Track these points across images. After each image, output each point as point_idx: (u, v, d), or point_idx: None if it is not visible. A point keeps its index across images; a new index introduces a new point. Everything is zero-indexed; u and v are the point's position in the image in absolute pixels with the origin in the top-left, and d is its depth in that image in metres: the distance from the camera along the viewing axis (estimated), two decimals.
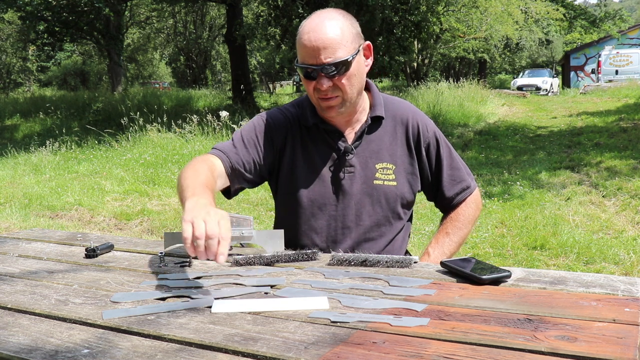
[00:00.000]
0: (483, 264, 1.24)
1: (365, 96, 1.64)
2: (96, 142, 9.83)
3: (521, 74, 26.53)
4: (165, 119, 9.23)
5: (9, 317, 1.07)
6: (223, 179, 1.54)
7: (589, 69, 26.28)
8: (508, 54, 33.96)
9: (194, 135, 8.66)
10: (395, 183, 1.60)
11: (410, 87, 15.89)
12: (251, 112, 12.03)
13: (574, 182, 6.08)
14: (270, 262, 1.38)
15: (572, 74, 26.97)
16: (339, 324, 0.98)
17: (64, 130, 11.15)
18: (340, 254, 1.38)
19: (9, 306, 1.13)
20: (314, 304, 1.08)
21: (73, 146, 9.60)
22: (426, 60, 20.80)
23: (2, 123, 14.58)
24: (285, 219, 1.66)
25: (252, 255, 1.38)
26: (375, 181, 1.59)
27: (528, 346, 0.85)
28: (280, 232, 1.47)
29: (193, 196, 1.25)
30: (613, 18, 20.27)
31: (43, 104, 14.85)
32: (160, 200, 6.11)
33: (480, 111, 13.05)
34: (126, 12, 21.95)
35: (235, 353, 0.88)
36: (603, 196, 5.47)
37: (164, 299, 1.14)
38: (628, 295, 1.07)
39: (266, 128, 1.62)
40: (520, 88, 22.65)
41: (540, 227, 4.53)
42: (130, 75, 33.18)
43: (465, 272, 1.20)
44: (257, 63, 32.42)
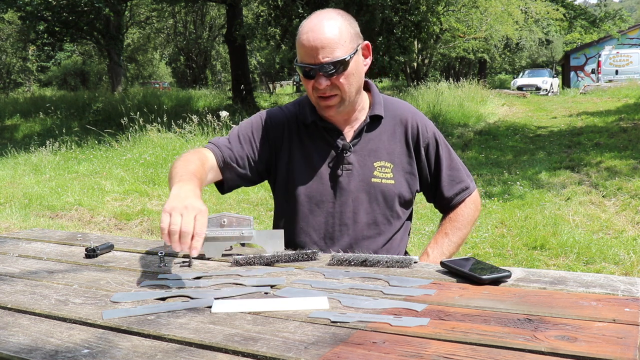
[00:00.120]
0: (483, 264, 1.24)
1: (364, 95, 1.65)
2: (96, 142, 9.83)
3: (521, 74, 26.53)
4: (165, 119, 9.23)
5: (9, 317, 1.07)
6: (215, 171, 1.58)
7: (589, 69, 26.28)
8: (508, 54, 33.96)
9: (194, 135, 8.66)
10: (393, 182, 1.61)
11: (410, 87, 15.88)
12: (251, 112, 12.03)
13: (574, 182, 6.08)
14: (270, 262, 1.38)
15: (572, 74, 26.97)
16: (339, 324, 0.98)
17: (64, 130, 11.15)
18: (340, 254, 1.38)
19: (9, 306, 1.13)
20: (314, 304, 1.08)
21: (73, 146, 9.59)
22: (426, 60, 20.79)
23: (2, 123, 14.58)
24: (284, 216, 1.67)
25: (252, 255, 1.38)
26: (373, 179, 1.59)
27: (528, 346, 0.85)
28: (280, 232, 1.47)
29: (179, 182, 1.31)
30: (613, 18, 20.28)
31: (43, 104, 14.85)
32: (160, 200, 6.11)
33: (480, 111, 13.04)
34: (126, 12, 21.95)
35: (235, 353, 0.88)
36: (603, 196, 5.47)
37: (164, 299, 1.14)
38: (628, 295, 1.07)
39: (263, 125, 1.65)
40: (520, 88, 22.65)
41: (540, 227, 4.53)
42: (130, 75, 33.18)
43: (465, 272, 1.20)
44: (257, 63, 32.42)
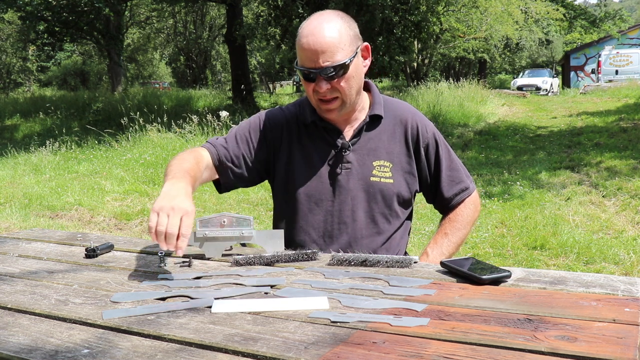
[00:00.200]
0: (483, 264, 1.24)
1: (364, 95, 1.67)
2: (96, 142, 9.83)
3: (521, 74, 26.52)
4: (165, 119, 9.23)
5: (9, 317, 1.07)
6: (210, 170, 1.61)
7: (589, 69, 26.28)
8: (508, 54, 33.95)
9: (194, 135, 8.66)
10: (392, 181, 1.61)
11: (410, 87, 15.88)
12: (251, 112, 12.03)
13: (574, 182, 6.08)
14: (270, 262, 1.38)
15: (572, 74, 26.97)
16: (339, 324, 0.98)
17: (64, 130, 11.15)
18: (340, 254, 1.38)
19: (9, 306, 1.13)
20: (314, 304, 1.08)
21: (73, 146, 9.59)
22: (426, 60, 20.80)
23: (2, 123, 14.58)
24: (283, 215, 1.68)
25: (252, 255, 1.38)
26: (372, 178, 1.60)
27: (528, 346, 0.85)
28: (280, 232, 1.47)
29: (171, 180, 1.35)
30: (613, 18, 20.28)
31: (43, 104, 14.85)
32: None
33: (480, 111, 13.04)
34: (126, 12, 21.95)
35: (235, 353, 0.88)
36: (603, 196, 5.47)
37: (164, 299, 1.14)
38: (628, 295, 1.07)
39: (261, 126, 1.66)
40: (520, 88, 22.65)
41: (540, 227, 4.53)
42: (130, 75, 33.17)
43: (465, 272, 1.20)
44: (257, 63, 32.41)
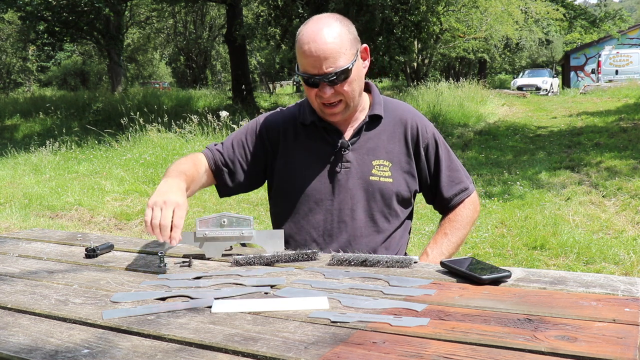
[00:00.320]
0: (483, 264, 1.24)
1: (365, 96, 1.68)
2: (96, 142, 9.82)
3: (521, 74, 26.51)
4: (165, 119, 9.23)
5: (9, 317, 1.07)
6: (208, 175, 1.68)
7: (589, 69, 26.27)
8: (508, 54, 33.93)
9: (194, 135, 8.66)
10: (391, 180, 1.62)
11: (410, 87, 15.87)
12: (251, 112, 12.04)
13: (574, 182, 6.08)
14: (270, 262, 1.38)
15: (572, 74, 26.96)
16: (339, 324, 0.98)
17: (64, 130, 11.15)
18: (340, 254, 1.38)
19: (9, 306, 1.13)
20: (314, 304, 1.08)
21: (73, 146, 9.59)
22: (426, 60, 20.79)
23: (2, 123, 14.58)
24: (283, 214, 1.69)
25: (252, 255, 1.39)
26: (371, 177, 1.62)
27: (528, 346, 0.85)
28: (280, 232, 1.48)
29: (166, 178, 1.44)
30: (613, 18, 20.27)
31: (43, 104, 14.84)
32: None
33: (480, 111, 13.04)
34: (126, 12, 21.95)
35: (235, 353, 0.88)
36: (603, 196, 5.47)
37: (164, 299, 1.14)
38: (628, 295, 1.07)
39: (257, 130, 1.70)
40: (520, 88, 22.63)
41: (540, 227, 4.53)
42: (130, 75, 33.15)
43: (465, 272, 1.20)
44: (257, 63, 32.41)
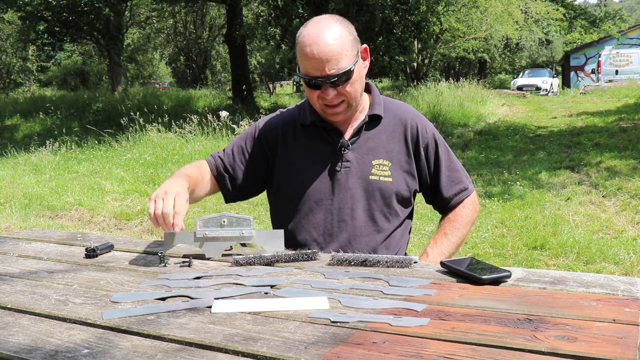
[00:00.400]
0: (483, 264, 1.24)
1: (365, 96, 1.69)
2: (96, 142, 9.82)
3: (521, 74, 26.50)
4: (166, 119, 9.22)
5: (9, 317, 1.07)
6: (212, 181, 1.72)
7: (589, 69, 26.26)
8: (508, 54, 33.92)
9: (194, 135, 8.66)
10: (390, 179, 1.63)
11: (410, 87, 15.87)
12: (251, 112, 12.03)
13: (574, 182, 6.08)
14: (270, 262, 1.38)
15: (572, 74, 26.95)
16: (339, 324, 0.98)
17: (64, 130, 11.15)
18: (340, 254, 1.38)
19: (9, 306, 1.13)
20: (314, 304, 1.08)
21: (73, 146, 9.59)
22: (426, 60, 20.79)
23: (2, 123, 14.57)
24: (283, 214, 1.70)
25: (252, 255, 1.39)
26: (371, 176, 1.62)
27: (528, 346, 0.85)
28: (280, 232, 1.47)
29: (168, 179, 1.52)
30: (613, 18, 20.27)
31: (43, 104, 14.84)
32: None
33: (480, 111, 13.03)
34: (126, 12, 21.94)
35: (235, 353, 0.88)
36: (603, 196, 5.47)
37: (164, 299, 1.14)
38: (628, 295, 1.07)
39: (256, 135, 1.72)
40: (520, 88, 22.63)
41: (540, 227, 4.53)
42: (130, 75, 33.15)
43: (465, 272, 1.20)
44: (257, 63, 32.40)
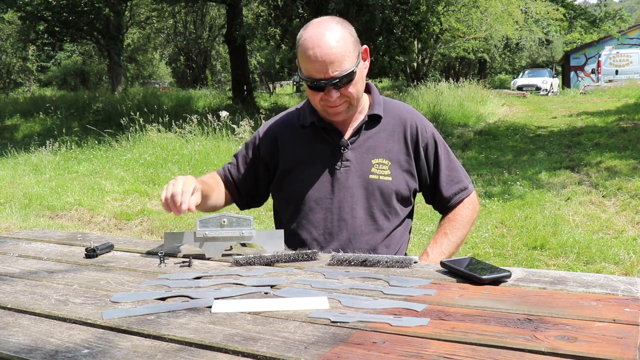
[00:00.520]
0: (483, 264, 1.24)
1: (364, 96, 1.70)
2: (96, 142, 9.82)
3: (521, 74, 26.50)
4: (166, 119, 9.22)
5: (9, 317, 1.07)
6: (225, 191, 1.78)
7: (589, 69, 26.26)
8: (508, 54, 33.92)
9: (194, 135, 8.66)
10: (390, 178, 1.64)
11: (410, 87, 15.87)
12: (251, 112, 12.01)
13: (574, 182, 6.08)
14: (270, 262, 1.38)
15: (572, 74, 26.95)
16: (339, 324, 0.97)
17: (64, 130, 11.15)
18: (340, 254, 1.38)
19: (9, 306, 1.13)
20: (314, 304, 1.08)
21: (73, 146, 9.59)
22: (426, 60, 20.79)
23: (2, 123, 14.57)
24: (284, 214, 1.72)
25: (252, 255, 1.38)
26: (371, 175, 1.63)
27: (528, 346, 0.85)
28: (280, 232, 1.47)
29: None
30: (613, 18, 20.27)
31: (43, 104, 14.84)
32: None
33: (480, 111, 13.03)
34: (126, 12, 21.94)
35: (235, 353, 0.88)
36: (603, 196, 5.47)
37: (164, 299, 1.14)
38: (628, 295, 1.06)
39: (257, 143, 1.76)
40: (520, 88, 22.63)
41: (540, 227, 4.53)
42: (130, 75, 33.14)
43: (465, 272, 1.20)
44: (257, 63, 32.40)
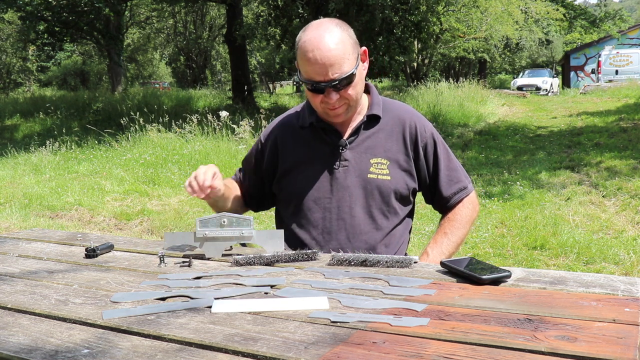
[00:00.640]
0: (483, 264, 1.24)
1: (364, 97, 1.71)
2: (96, 142, 9.82)
3: (521, 74, 26.49)
4: (166, 119, 9.22)
5: (9, 317, 1.07)
6: (240, 192, 1.83)
7: (589, 69, 26.26)
8: (508, 54, 33.91)
9: (194, 135, 8.65)
10: (389, 178, 1.64)
11: (410, 87, 15.88)
12: (251, 112, 12.01)
13: (574, 182, 6.08)
14: (270, 262, 1.38)
15: (572, 74, 26.95)
16: (339, 324, 0.97)
17: (64, 130, 11.14)
18: (340, 254, 1.38)
19: (9, 306, 1.13)
20: (314, 304, 1.08)
21: (73, 146, 9.59)
22: (426, 60, 20.79)
23: (2, 123, 14.57)
24: (284, 214, 1.73)
25: (252, 255, 1.38)
26: (369, 175, 1.64)
27: (528, 346, 0.85)
28: (280, 232, 1.48)
29: None
30: (613, 18, 20.28)
31: (43, 104, 14.83)
32: (160, 200, 6.11)
33: (480, 111, 13.03)
34: (126, 12, 21.93)
35: (235, 353, 0.88)
36: (603, 196, 5.47)
37: (164, 299, 1.14)
38: (628, 295, 1.06)
39: (260, 147, 1.79)
40: (520, 88, 22.63)
41: (540, 227, 4.52)
42: (130, 75, 33.11)
43: (465, 272, 1.20)
44: (257, 63, 32.40)
